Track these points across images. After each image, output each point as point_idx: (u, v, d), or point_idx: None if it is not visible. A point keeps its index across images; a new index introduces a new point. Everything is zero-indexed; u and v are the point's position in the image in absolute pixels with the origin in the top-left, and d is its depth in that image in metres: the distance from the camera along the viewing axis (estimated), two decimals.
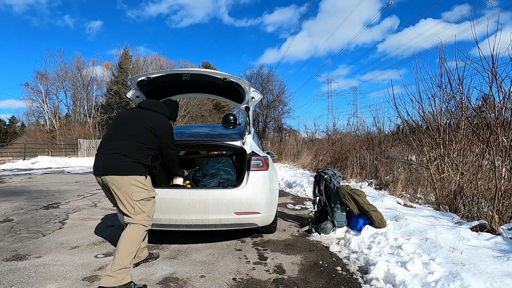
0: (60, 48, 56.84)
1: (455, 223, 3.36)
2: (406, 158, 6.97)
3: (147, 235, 2.57)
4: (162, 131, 2.40)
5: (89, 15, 59.41)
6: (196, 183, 3.30)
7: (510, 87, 3.48)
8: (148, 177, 2.39)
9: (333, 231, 3.48)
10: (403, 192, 5.49)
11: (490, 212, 3.11)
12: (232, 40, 69.77)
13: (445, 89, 4.55)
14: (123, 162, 2.22)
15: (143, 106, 2.53)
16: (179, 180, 2.86)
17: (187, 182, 3.10)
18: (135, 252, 2.21)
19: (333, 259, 2.78)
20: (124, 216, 2.27)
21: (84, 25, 58.86)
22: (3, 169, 13.29)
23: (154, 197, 2.40)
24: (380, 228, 3.32)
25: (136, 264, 2.57)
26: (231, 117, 4.43)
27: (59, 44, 67.51)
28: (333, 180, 3.70)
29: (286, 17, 72.87)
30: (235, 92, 3.34)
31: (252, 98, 3.37)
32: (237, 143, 3.22)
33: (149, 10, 63.63)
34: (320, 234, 3.46)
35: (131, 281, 2.15)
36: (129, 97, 3.26)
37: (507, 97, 3.53)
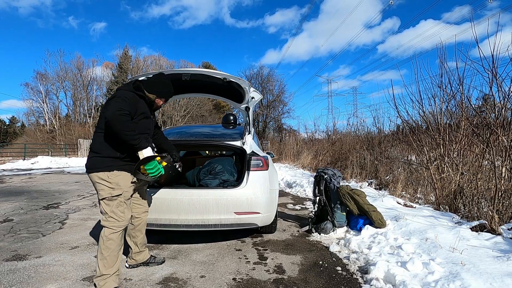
0: (60, 48, 57.03)
1: (455, 223, 3.36)
2: (406, 158, 6.97)
3: (142, 237, 2.50)
4: (105, 104, 2.10)
5: (93, 16, 59.76)
6: (199, 181, 3.30)
7: (510, 87, 3.48)
8: (117, 172, 2.14)
9: (333, 231, 3.48)
10: (403, 192, 5.49)
11: (490, 212, 3.11)
12: (234, 41, 69.97)
13: (445, 89, 4.55)
14: (90, 158, 2.17)
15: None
16: (146, 152, 2.12)
17: (159, 159, 2.21)
18: (110, 259, 2.09)
19: (333, 259, 2.78)
20: None
21: (88, 26, 59.17)
22: (3, 169, 13.29)
23: (119, 195, 2.15)
24: (380, 228, 3.32)
25: (134, 266, 2.54)
26: (231, 117, 4.44)
27: (61, 45, 67.80)
28: (333, 180, 3.70)
29: (287, 18, 73.01)
30: (235, 92, 3.35)
31: (252, 98, 3.37)
32: (237, 143, 3.23)
33: (152, 12, 63.85)
34: (320, 234, 3.46)
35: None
36: None
37: (507, 97, 3.53)
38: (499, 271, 2.15)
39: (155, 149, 2.35)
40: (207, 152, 5.52)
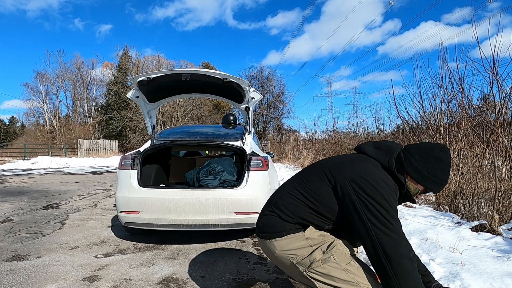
0: (60, 48, 57.31)
1: (455, 223, 3.36)
2: None
3: None
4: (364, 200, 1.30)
5: (99, 18, 60.25)
6: (198, 181, 3.30)
7: (511, 87, 3.48)
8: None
9: None
10: None
11: (490, 212, 3.11)
12: (236, 42, 70.22)
13: (445, 89, 4.54)
14: (266, 216, 1.63)
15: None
16: None
17: None
18: None
19: None
20: None
21: (93, 28, 59.56)
22: (3, 169, 13.29)
23: (332, 242, 1.39)
24: None
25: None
26: (231, 117, 4.45)
27: (64, 47, 68.14)
28: None
29: (289, 20, 73.01)
30: (235, 92, 3.35)
31: (252, 98, 3.37)
32: (237, 143, 3.23)
33: (157, 14, 64.11)
34: None
35: None
36: (129, 97, 3.27)
37: (507, 97, 3.53)
38: (499, 271, 2.15)
39: None
40: (207, 152, 5.52)
